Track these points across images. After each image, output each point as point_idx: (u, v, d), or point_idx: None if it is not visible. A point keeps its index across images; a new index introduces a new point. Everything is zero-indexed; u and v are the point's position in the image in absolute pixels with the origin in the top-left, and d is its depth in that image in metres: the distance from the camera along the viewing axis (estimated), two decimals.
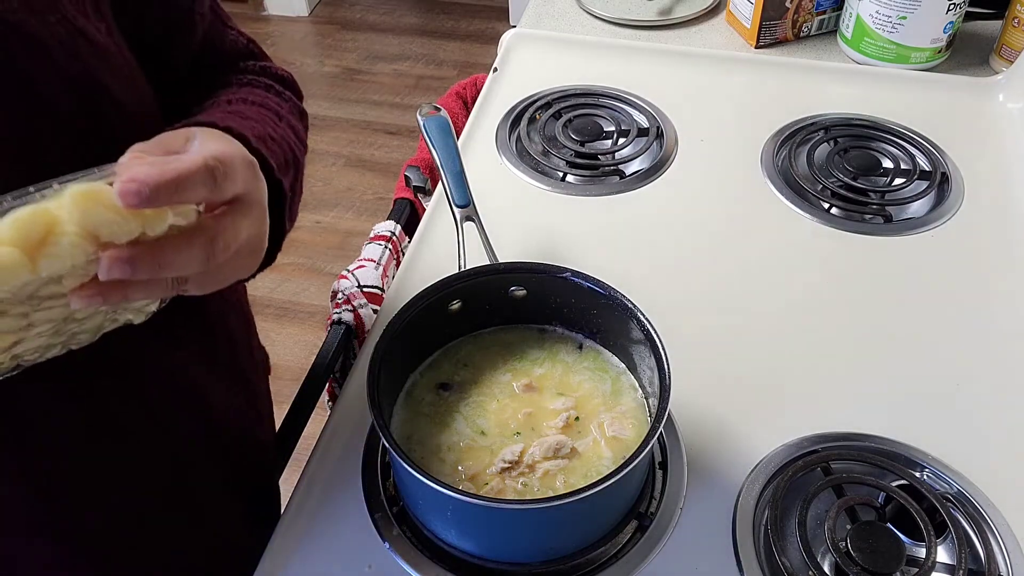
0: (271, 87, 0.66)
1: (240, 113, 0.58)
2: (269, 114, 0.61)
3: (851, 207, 0.94)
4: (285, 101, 0.66)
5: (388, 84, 2.80)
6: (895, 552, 0.62)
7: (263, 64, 0.69)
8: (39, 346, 0.44)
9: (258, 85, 0.65)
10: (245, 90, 0.64)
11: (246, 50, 0.69)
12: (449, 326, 0.71)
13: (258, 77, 0.67)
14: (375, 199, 2.38)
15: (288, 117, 0.64)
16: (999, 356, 0.79)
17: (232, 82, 0.65)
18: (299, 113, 0.68)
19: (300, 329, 1.99)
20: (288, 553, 0.65)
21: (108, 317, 0.48)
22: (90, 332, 0.47)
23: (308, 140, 0.68)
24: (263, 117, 0.60)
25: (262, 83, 0.66)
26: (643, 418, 0.67)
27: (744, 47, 1.18)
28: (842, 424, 0.72)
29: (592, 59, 1.14)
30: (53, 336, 0.44)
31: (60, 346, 0.46)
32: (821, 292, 0.85)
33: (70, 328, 0.45)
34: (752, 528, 0.66)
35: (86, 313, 0.45)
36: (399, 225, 0.93)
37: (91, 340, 0.48)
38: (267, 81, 0.67)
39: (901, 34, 1.08)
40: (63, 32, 0.48)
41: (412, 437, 0.66)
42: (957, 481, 0.68)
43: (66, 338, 0.46)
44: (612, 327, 0.70)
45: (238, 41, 0.68)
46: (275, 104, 0.64)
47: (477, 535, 0.62)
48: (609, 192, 0.96)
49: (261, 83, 0.66)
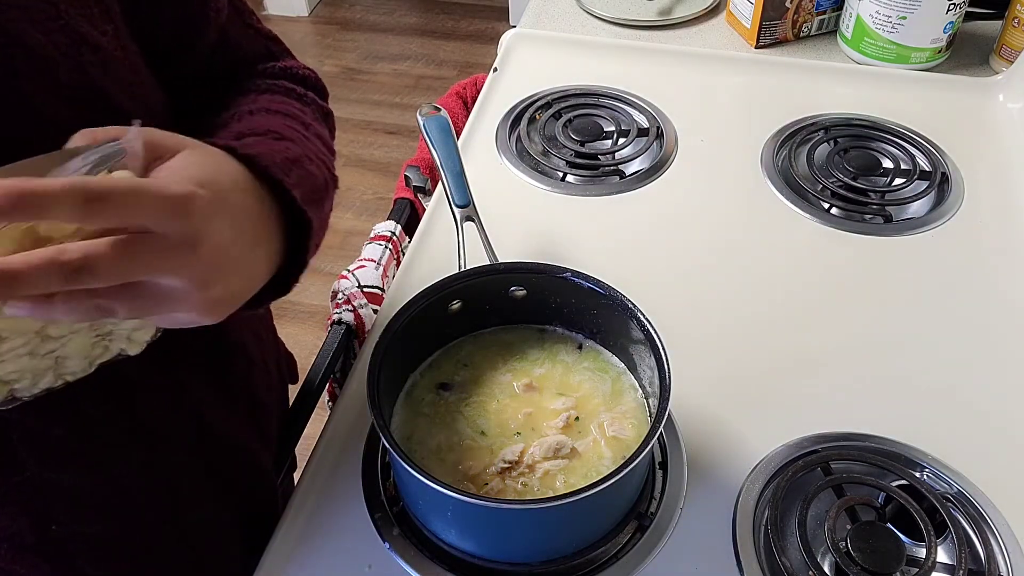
0: (292, 91, 0.64)
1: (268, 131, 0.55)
2: (296, 124, 0.59)
3: (851, 207, 0.94)
4: (307, 105, 0.64)
5: (388, 84, 2.80)
6: (895, 552, 0.62)
7: (284, 65, 0.66)
8: (21, 369, 0.43)
9: (278, 90, 0.63)
10: (265, 98, 0.61)
11: (265, 50, 0.67)
12: (449, 326, 0.71)
13: (278, 81, 0.64)
14: (375, 199, 2.38)
15: (314, 125, 0.62)
16: (999, 356, 0.79)
17: (251, 88, 0.63)
18: (323, 115, 0.66)
19: (300, 329, 1.99)
20: (288, 553, 0.65)
21: (98, 344, 0.46)
22: (78, 358, 0.46)
23: None
24: (291, 131, 0.57)
25: (282, 87, 0.63)
26: (643, 418, 0.67)
27: (744, 47, 1.18)
28: (842, 424, 0.72)
29: (592, 59, 1.14)
30: (33, 358, 0.43)
31: (52, 375, 0.45)
32: (821, 292, 0.85)
33: (49, 348, 0.44)
34: (752, 528, 0.66)
35: (60, 331, 0.44)
36: (399, 225, 0.93)
37: (86, 372, 0.46)
38: (288, 84, 0.64)
39: (901, 34, 1.08)
40: (65, 41, 0.47)
41: (412, 437, 0.66)
42: (957, 481, 0.68)
43: (51, 363, 0.44)
44: (612, 327, 0.69)
45: (256, 40, 0.66)
46: (298, 111, 0.61)
47: (477, 535, 0.62)
48: (609, 192, 0.96)
49: (281, 87, 0.63)
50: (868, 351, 0.80)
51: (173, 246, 0.41)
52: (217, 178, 0.46)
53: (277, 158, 0.52)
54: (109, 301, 0.41)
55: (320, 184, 0.56)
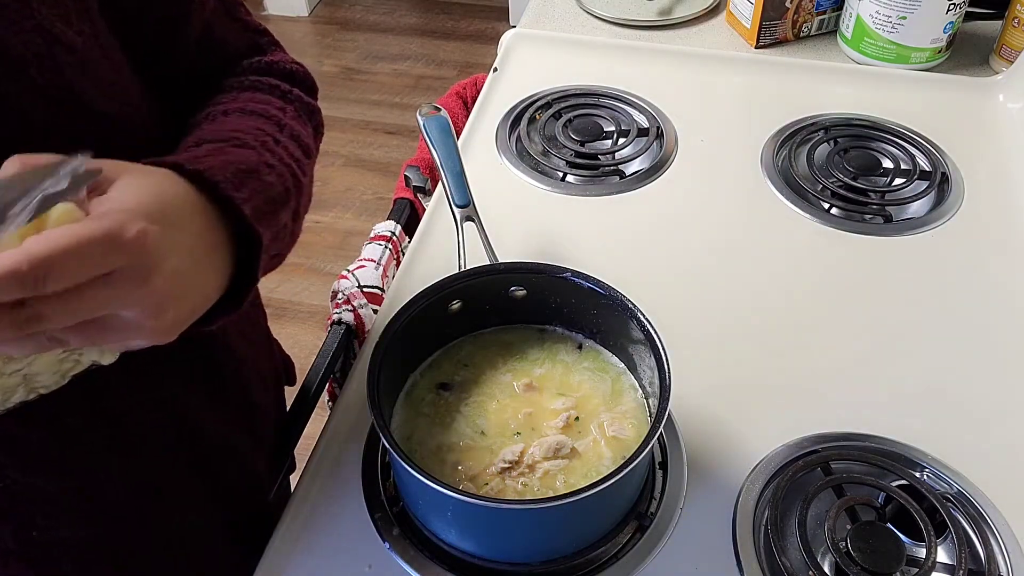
0: (276, 87, 0.63)
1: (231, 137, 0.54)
2: (269, 126, 0.58)
3: (851, 207, 0.94)
4: (290, 103, 0.63)
5: (388, 84, 2.80)
6: (895, 552, 0.62)
7: (270, 60, 0.65)
8: None
9: (261, 87, 0.62)
10: (246, 96, 0.60)
11: (252, 44, 0.65)
12: (449, 326, 0.71)
13: (262, 77, 0.63)
14: (375, 199, 2.38)
15: (292, 125, 0.60)
16: (999, 356, 0.79)
17: (234, 86, 0.62)
18: (308, 113, 0.64)
19: (300, 329, 1.99)
20: (288, 553, 0.65)
21: (67, 359, 0.46)
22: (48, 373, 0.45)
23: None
24: (259, 134, 0.56)
25: (266, 84, 0.62)
26: (643, 418, 0.67)
27: (744, 47, 1.18)
28: (842, 424, 0.72)
29: (592, 59, 1.14)
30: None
31: (24, 390, 0.44)
32: (821, 292, 0.85)
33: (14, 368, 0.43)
34: (752, 528, 0.66)
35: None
36: (399, 225, 0.93)
37: (59, 384, 0.46)
38: (272, 81, 0.63)
39: (901, 34, 1.08)
40: (39, 42, 0.46)
41: (412, 437, 0.66)
42: (957, 481, 0.68)
43: (20, 380, 0.44)
44: (612, 327, 0.69)
45: (243, 35, 0.65)
46: (277, 111, 0.60)
47: (477, 535, 0.62)
48: (609, 192, 0.96)
49: (265, 84, 0.62)
50: (868, 351, 0.80)
51: (125, 282, 0.41)
52: (162, 204, 0.45)
53: (229, 171, 0.50)
54: (62, 334, 0.41)
55: (278, 193, 0.55)
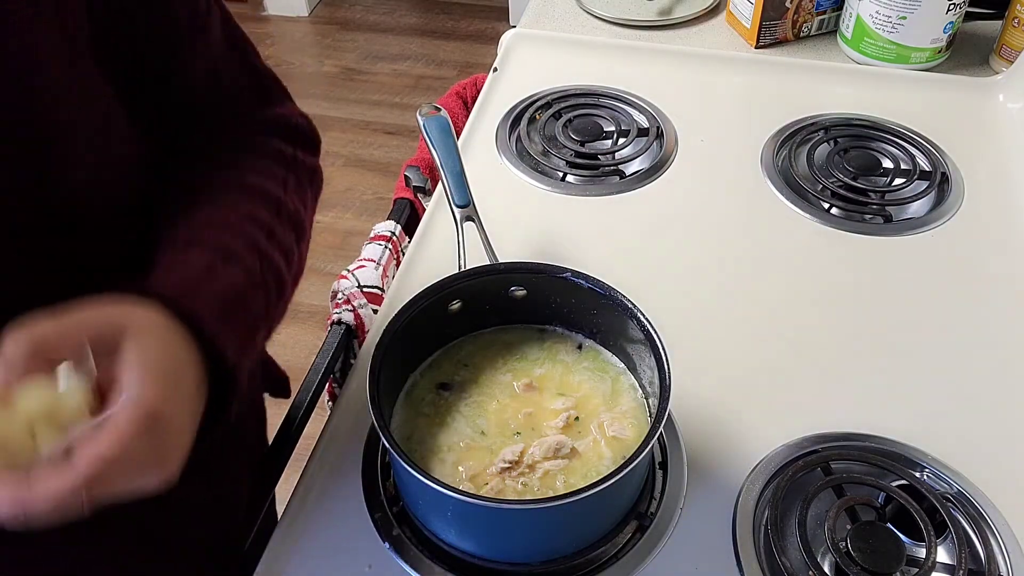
0: (280, 155, 0.61)
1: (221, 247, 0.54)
2: (266, 214, 0.57)
3: (851, 207, 0.94)
4: (293, 170, 0.61)
5: (388, 84, 2.80)
6: (895, 552, 0.62)
7: (278, 113, 0.64)
8: None
9: (267, 154, 0.60)
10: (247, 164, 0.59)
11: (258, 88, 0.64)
12: (449, 326, 0.71)
13: (269, 139, 0.61)
14: (375, 199, 2.38)
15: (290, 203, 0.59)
16: (999, 356, 0.79)
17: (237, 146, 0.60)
18: (309, 177, 0.63)
19: (300, 329, 1.99)
20: (288, 553, 0.65)
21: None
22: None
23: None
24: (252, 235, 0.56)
25: (271, 151, 0.61)
26: (643, 418, 0.67)
27: (744, 47, 1.18)
28: (842, 424, 0.72)
29: (592, 59, 1.14)
30: None
31: None
32: (821, 292, 0.85)
33: None
34: (752, 528, 0.66)
35: None
36: (399, 225, 0.93)
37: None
38: (278, 145, 0.62)
39: (901, 34, 1.08)
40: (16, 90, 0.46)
41: (412, 437, 0.66)
42: (957, 481, 0.68)
43: None
44: (612, 327, 0.69)
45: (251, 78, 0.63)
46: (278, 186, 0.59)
47: (477, 535, 0.62)
48: (609, 192, 0.95)
49: (270, 151, 0.61)
50: (868, 351, 0.79)
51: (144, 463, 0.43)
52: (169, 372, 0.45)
53: (216, 308, 0.50)
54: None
55: (260, 312, 0.55)
